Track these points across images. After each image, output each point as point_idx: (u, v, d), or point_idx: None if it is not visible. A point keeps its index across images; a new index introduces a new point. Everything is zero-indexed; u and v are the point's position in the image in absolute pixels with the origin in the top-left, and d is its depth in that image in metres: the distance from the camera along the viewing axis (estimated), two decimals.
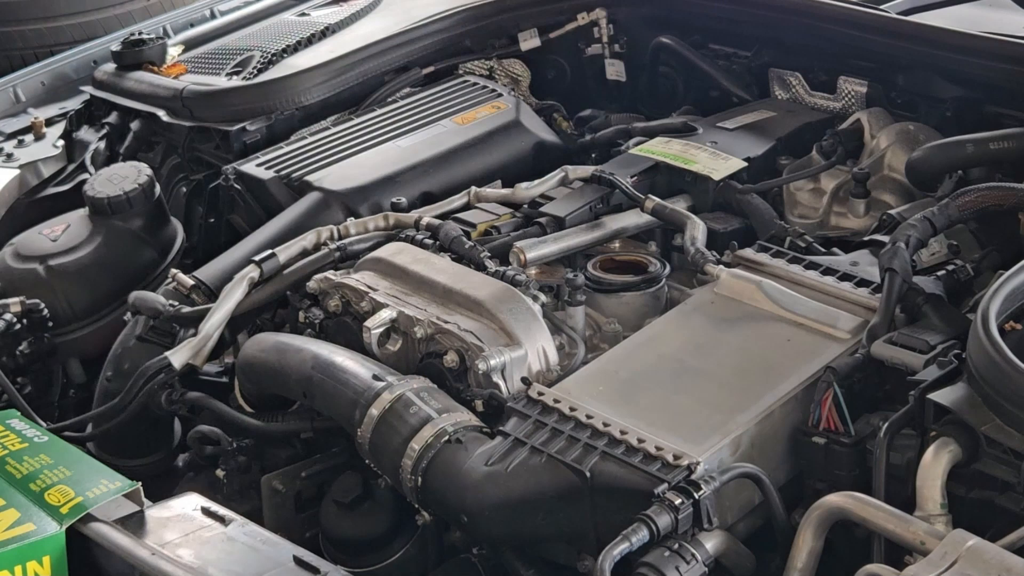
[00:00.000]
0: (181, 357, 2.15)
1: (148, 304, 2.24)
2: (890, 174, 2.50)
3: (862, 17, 2.67)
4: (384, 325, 2.05)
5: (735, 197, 2.43)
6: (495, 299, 2.02)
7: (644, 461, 1.72)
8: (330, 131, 2.73)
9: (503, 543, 1.86)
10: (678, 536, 1.63)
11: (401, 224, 2.32)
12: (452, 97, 2.82)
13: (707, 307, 2.06)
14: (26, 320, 2.35)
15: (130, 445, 2.29)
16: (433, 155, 2.60)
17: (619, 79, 3.08)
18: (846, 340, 1.94)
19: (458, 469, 1.79)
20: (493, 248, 2.23)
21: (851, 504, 1.61)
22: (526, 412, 1.84)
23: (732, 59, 2.89)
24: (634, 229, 2.35)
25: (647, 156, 2.52)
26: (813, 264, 2.11)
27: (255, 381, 2.12)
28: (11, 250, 2.53)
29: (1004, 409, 1.64)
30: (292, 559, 1.68)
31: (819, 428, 1.80)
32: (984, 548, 1.49)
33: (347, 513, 2.01)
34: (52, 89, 3.12)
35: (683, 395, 1.86)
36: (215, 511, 1.80)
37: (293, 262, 2.26)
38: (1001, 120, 2.45)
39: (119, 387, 2.19)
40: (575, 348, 2.03)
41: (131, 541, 1.67)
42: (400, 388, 1.89)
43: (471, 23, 3.03)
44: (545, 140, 2.73)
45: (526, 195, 2.39)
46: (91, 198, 2.54)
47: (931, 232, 2.05)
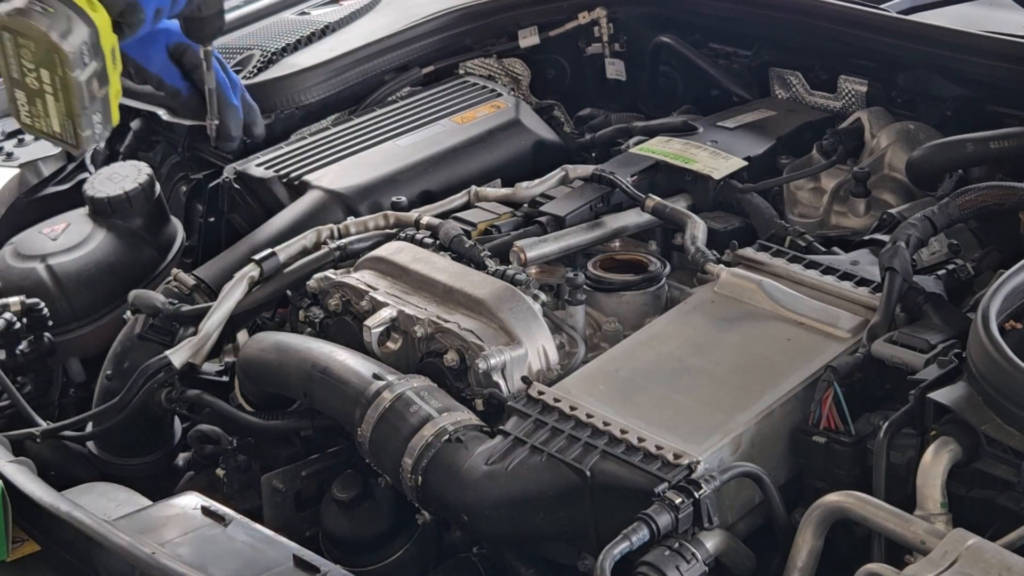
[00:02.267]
0: (181, 356, 2.15)
1: (148, 303, 2.24)
2: (890, 173, 2.50)
3: (862, 16, 2.67)
4: (384, 324, 2.05)
5: (735, 196, 2.43)
6: (495, 298, 2.02)
7: (644, 460, 1.72)
8: (330, 130, 2.73)
9: (503, 542, 1.86)
10: (678, 535, 1.63)
11: (401, 223, 2.32)
12: (452, 96, 2.82)
13: (707, 306, 2.06)
14: (26, 319, 2.34)
15: (130, 444, 2.29)
16: (433, 154, 2.60)
17: (619, 78, 3.08)
18: (846, 339, 1.94)
19: (458, 468, 1.80)
20: (493, 247, 2.23)
21: (851, 503, 1.61)
22: (526, 411, 1.84)
23: (732, 58, 2.89)
24: (634, 228, 2.35)
25: (647, 155, 2.52)
26: (813, 263, 2.11)
27: (255, 380, 2.12)
28: (11, 249, 2.53)
29: (1004, 408, 1.64)
30: (292, 558, 1.68)
31: (819, 427, 1.80)
32: (984, 547, 1.49)
33: (347, 512, 2.01)
34: None
35: (683, 394, 1.86)
36: (215, 510, 1.80)
37: (293, 261, 2.26)
38: (1002, 119, 2.45)
39: (119, 386, 2.19)
40: (575, 347, 2.03)
41: (131, 540, 1.67)
42: (400, 387, 1.89)
43: (471, 21, 3.02)
44: (545, 139, 2.73)
45: (526, 194, 2.39)
46: (91, 197, 2.54)
47: (931, 231, 2.05)
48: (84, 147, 2.09)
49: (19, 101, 2.02)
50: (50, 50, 2.01)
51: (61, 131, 2.02)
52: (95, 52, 2.06)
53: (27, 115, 2.05)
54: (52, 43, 2.01)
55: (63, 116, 2.02)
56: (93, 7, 2.06)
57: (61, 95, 2.00)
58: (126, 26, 2.16)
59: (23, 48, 2.00)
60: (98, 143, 2.17)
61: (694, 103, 2.89)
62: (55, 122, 2.00)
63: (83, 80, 2.01)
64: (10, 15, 2.04)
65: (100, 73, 2.08)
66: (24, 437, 2.19)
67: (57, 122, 2.00)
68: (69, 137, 2.04)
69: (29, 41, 2.02)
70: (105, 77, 2.10)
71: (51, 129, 2.03)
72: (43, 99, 2.01)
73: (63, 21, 2.02)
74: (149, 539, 1.70)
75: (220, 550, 1.72)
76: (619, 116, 2.87)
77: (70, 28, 2.02)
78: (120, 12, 2.13)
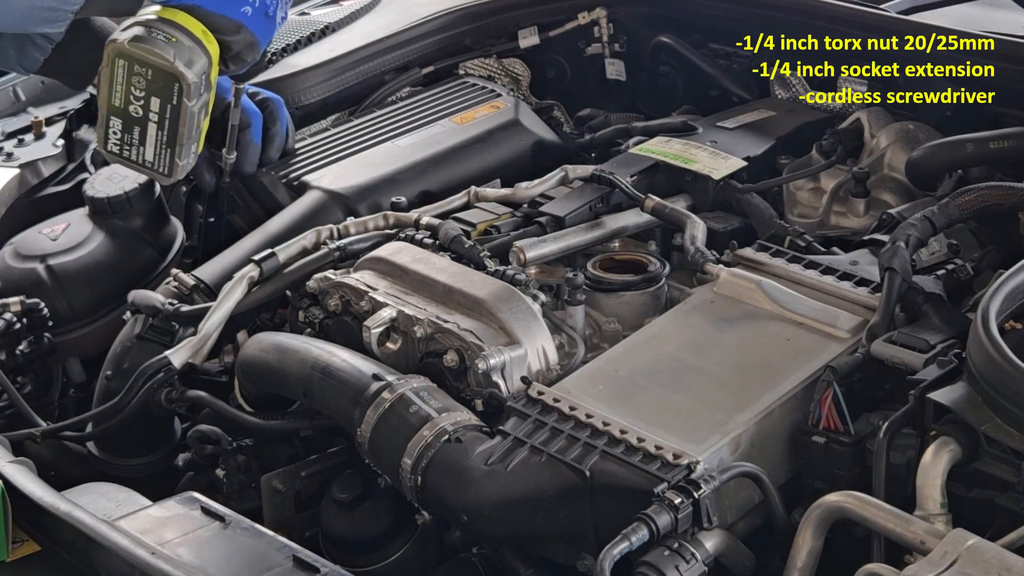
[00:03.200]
0: (181, 356, 2.15)
1: (148, 303, 2.24)
2: (890, 173, 2.50)
3: (862, 16, 2.67)
4: (384, 324, 2.05)
5: (735, 196, 2.43)
6: (495, 298, 2.02)
7: (644, 460, 1.72)
8: (329, 131, 2.73)
9: (503, 542, 1.86)
10: (678, 535, 1.63)
11: (401, 223, 2.32)
12: (451, 97, 2.82)
13: (707, 306, 2.06)
14: (26, 320, 2.34)
15: (130, 444, 2.29)
16: (432, 154, 2.60)
17: (619, 78, 3.08)
18: (846, 339, 1.94)
19: (458, 468, 1.80)
20: (493, 247, 2.23)
21: (851, 503, 1.61)
22: (526, 411, 1.84)
23: (732, 59, 2.89)
24: (634, 228, 2.35)
25: (647, 155, 2.52)
26: (813, 263, 2.11)
27: (255, 380, 2.12)
28: (11, 249, 2.53)
29: (1004, 408, 1.63)
30: (292, 558, 1.68)
31: (819, 427, 1.80)
32: (984, 547, 1.49)
33: (347, 512, 2.01)
34: (52, 88, 3.11)
35: (683, 394, 1.86)
36: (215, 511, 1.80)
37: (293, 261, 2.26)
38: (1001, 119, 2.45)
39: (119, 386, 2.19)
40: (575, 347, 2.03)
41: (131, 541, 1.67)
42: (400, 387, 1.89)
43: (471, 22, 3.03)
44: (545, 139, 2.73)
45: (526, 195, 2.39)
46: (91, 198, 2.54)
47: (931, 231, 2.05)
48: (176, 176, 2.11)
49: (112, 128, 2.02)
50: (170, 79, 2.02)
51: (153, 160, 2.04)
52: (208, 83, 2.08)
53: (116, 143, 2.05)
54: (177, 72, 2.03)
55: (161, 145, 2.03)
56: (208, 40, 2.08)
57: (167, 124, 2.02)
58: (232, 62, 2.17)
59: (136, 76, 2.01)
60: (184, 174, 2.19)
61: (694, 103, 2.89)
62: (149, 151, 2.01)
63: (196, 110, 2.03)
64: (131, 43, 2.05)
65: (206, 104, 2.10)
66: (24, 437, 2.19)
67: (152, 151, 2.01)
68: (162, 167, 2.05)
69: (146, 69, 2.03)
70: (206, 109, 2.11)
71: (141, 158, 2.05)
72: (144, 128, 2.02)
73: (186, 51, 2.04)
74: (149, 539, 1.70)
75: (220, 550, 1.72)
76: (619, 116, 2.87)
77: (192, 59, 2.04)
78: (239, 51, 2.15)
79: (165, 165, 2.07)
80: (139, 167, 2.10)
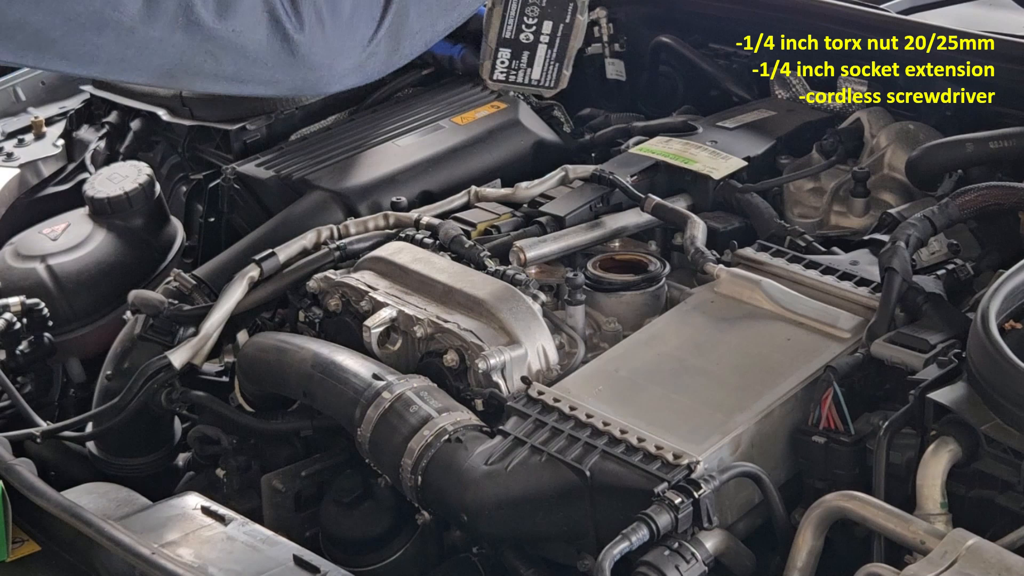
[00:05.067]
0: (181, 356, 2.15)
1: (148, 303, 2.24)
2: (890, 173, 2.50)
3: (862, 16, 2.67)
4: (384, 324, 2.05)
5: (735, 196, 2.43)
6: (495, 298, 2.02)
7: (644, 460, 1.72)
8: (330, 131, 2.73)
9: (503, 542, 1.86)
10: (678, 535, 1.63)
11: (401, 223, 2.32)
12: (451, 97, 2.82)
13: (707, 306, 2.06)
14: (26, 320, 2.35)
15: (130, 444, 2.29)
16: (432, 154, 2.60)
17: (619, 78, 3.08)
18: (846, 339, 1.94)
19: (458, 468, 1.80)
20: (493, 247, 2.23)
21: (851, 503, 1.61)
22: (526, 411, 1.84)
23: (732, 59, 2.89)
24: (634, 228, 2.35)
25: (647, 155, 2.52)
26: (813, 263, 2.11)
27: (255, 380, 2.12)
28: (11, 249, 2.53)
29: (1004, 408, 1.63)
30: (292, 559, 1.69)
31: (819, 427, 1.80)
32: (984, 547, 1.49)
33: (347, 512, 2.01)
34: (52, 88, 3.11)
35: (683, 394, 1.86)
36: (215, 510, 1.80)
37: (293, 261, 2.26)
38: (1001, 119, 2.45)
39: (119, 386, 2.19)
40: (575, 347, 2.03)
41: (131, 540, 1.67)
42: (400, 387, 1.89)
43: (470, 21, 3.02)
44: (545, 139, 2.73)
45: (526, 194, 2.39)
46: (91, 198, 2.54)
47: (931, 231, 2.05)
48: (562, 86, 2.16)
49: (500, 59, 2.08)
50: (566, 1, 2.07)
51: (540, 77, 2.10)
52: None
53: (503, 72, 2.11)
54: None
55: (550, 62, 2.10)
56: None
57: (558, 42, 2.08)
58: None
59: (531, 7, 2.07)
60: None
61: (694, 103, 2.89)
62: (537, 71, 2.09)
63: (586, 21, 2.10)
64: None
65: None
66: (24, 437, 2.19)
67: (540, 70, 2.08)
68: (549, 81, 2.12)
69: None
70: None
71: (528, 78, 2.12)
72: (533, 51, 2.08)
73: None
74: (149, 539, 1.71)
75: (220, 550, 1.72)
76: (619, 116, 2.87)
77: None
78: None
79: (552, 79, 2.13)
80: (524, 87, 2.17)
